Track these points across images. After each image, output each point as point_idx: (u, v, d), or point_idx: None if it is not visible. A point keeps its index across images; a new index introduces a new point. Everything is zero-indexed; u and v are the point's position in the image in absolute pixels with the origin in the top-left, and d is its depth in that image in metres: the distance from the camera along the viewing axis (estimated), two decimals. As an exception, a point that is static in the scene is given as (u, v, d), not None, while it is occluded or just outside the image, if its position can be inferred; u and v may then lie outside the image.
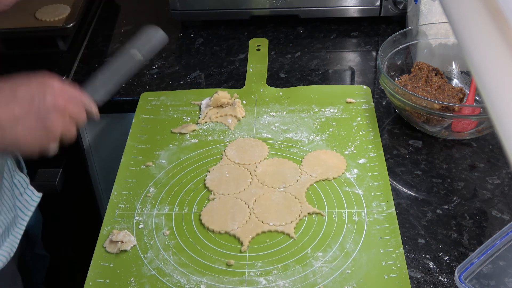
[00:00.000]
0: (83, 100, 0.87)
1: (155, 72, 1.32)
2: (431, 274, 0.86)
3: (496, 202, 0.97)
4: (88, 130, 1.34)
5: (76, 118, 0.84)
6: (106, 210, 0.97)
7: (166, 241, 0.91)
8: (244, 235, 0.91)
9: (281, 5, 1.42)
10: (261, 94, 1.20)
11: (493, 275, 0.83)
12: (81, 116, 0.86)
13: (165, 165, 1.05)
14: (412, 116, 1.08)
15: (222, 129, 1.12)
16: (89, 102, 0.87)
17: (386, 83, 1.07)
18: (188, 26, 1.47)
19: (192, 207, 0.96)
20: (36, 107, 0.78)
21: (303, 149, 1.06)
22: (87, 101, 0.87)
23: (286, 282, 0.84)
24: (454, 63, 1.21)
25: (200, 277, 0.85)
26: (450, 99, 1.09)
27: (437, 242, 0.90)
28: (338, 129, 1.10)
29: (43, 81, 0.82)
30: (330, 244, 0.89)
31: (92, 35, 1.46)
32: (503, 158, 1.05)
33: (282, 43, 1.40)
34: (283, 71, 1.31)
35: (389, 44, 1.17)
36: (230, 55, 1.37)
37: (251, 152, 1.06)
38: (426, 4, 1.20)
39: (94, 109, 0.88)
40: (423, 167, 1.04)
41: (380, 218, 0.92)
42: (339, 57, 1.36)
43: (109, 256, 0.89)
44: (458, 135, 1.08)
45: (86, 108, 0.87)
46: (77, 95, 0.86)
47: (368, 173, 1.00)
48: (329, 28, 1.45)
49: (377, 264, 0.85)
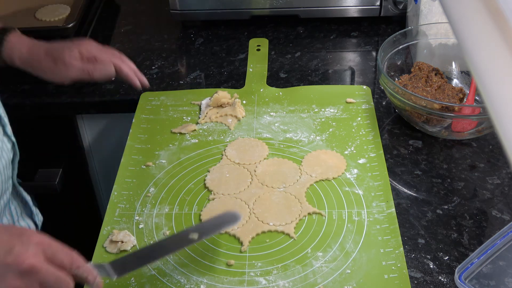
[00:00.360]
0: (77, 268, 0.72)
1: (155, 72, 1.32)
2: (431, 274, 0.86)
3: (496, 202, 0.97)
4: (88, 130, 1.34)
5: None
6: (106, 210, 0.97)
7: (166, 241, 0.91)
8: (244, 235, 0.91)
9: (281, 5, 1.42)
10: (261, 94, 1.20)
11: (493, 275, 0.83)
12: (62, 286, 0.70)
13: (165, 165, 1.05)
14: (412, 116, 1.08)
15: (222, 129, 1.12)
16: (88, 272, 0.73)
17: (386, 83, 1.07)
18: (188, 26, 1.47)
19: (192, 207, 0.96)
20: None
21: (303, 149, 1.06)
22: (85, 271, 0.73)
23: (286, 282, 0.84)
24: (454, 63, 1.21)
25: (200, 277, 0.85)
26: (450, 99, 1.09)
27: (437, 242, 0.90)
28: (338, 129, 1.10)
29: (22, 231, 0.72)
30: (330, 244, 0.89)
31: (92, 35, 1.46)
32: (503, 158, 1.05)
33: (282, 43, 1.40)
34: (283, 71, 1.31)
35: (389, 44, 1.17)
36: (230, 55, 1.37)
37: (251, 152, 1.06)
38: (426, 4, 1.20)
39: (93, 281, 0.74)
40: (423, 167, 1.04)
41: (380, 218, 0.92)
42: (339, 57, 1.36)
43: (109, 256, 0.89)
44: (458, 135, 1.08)
45: (81, 277, 0.73)
46: (67, 259, 0.71)
47: (368, 173, 1.00)
48: (329, 28, 1.45)
49: (377, 264, 0.85)
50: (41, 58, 1.04)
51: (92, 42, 1.08)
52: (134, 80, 1.07)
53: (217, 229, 0.86)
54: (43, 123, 1.11)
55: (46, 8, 1.41)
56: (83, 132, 1.33)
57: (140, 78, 1.08)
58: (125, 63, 1.07)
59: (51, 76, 1.05)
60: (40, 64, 1.04)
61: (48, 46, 1.05)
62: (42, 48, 1.05)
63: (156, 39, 1.44)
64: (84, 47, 1.05)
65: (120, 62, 1.06)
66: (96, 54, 1.05)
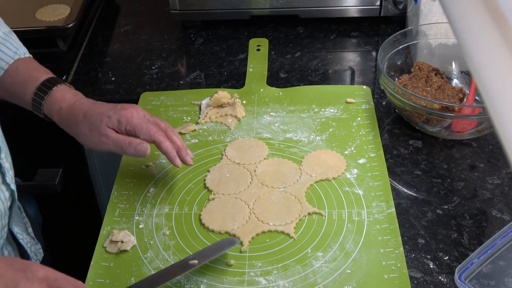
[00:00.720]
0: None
1: (155, 72, 1.32)
2: (431, 274, 0.86)
3: (496, 202, 0.97)
4: (88, 130, 1.34)
5: None
6: (106, 210, 0.97)
7: (166, 241, 0.91)
8: (244, 235, 0.91)
9: (281, 5, 1.42)
10: (261, 94, 1.20)
11: (493, 275, 0.83)
12: None
13: (165, 165, 1.05)
14: (412, 116, 1.08)
15: (222, 129, 1.12)
16: None
17: (386, 83, 1.07)
18: (188, 26, 1.48)
19: (192, 207, 0.96)
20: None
21: (303, 149, 1.06)
22: None
23: (286, 282, 0.84)
24: (454, 63, 1.21)
25: (200, 277, 0.85)
26: (450, 99, 1.09)
27: (437, 242, 0.90)
28: (338, 129, 1.10)
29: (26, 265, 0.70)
30: (330, 244, 0.89)
31: (92, 35, 1.46)
32: (503, 158, 1.05)
33: (282, 43, 1.40)
34: (283, 71, 1.31)
35: (389, 44, 1.17)
36: (230, 55, 1.37)
37: (251, 152, 1.06)
38: (426, 4, 1.20)
39: None
40: (423, 167, 1.04)
41: (380, 218, 0.92)
42: (339, 57, 1.36)
43: (109, 256, 0.89)
44: (458, 135, 1.08)
45: None
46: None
47: (368, 173, 1.00)
48: (329, 28, 1.45)
49: (377, 264, 0.85)
50: (78, 120, 0.96)
51: (138, 109, 0.97)
52: (173, 160, 0.95)
53: (215, 253, 0.86)
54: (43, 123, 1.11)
55: (46, 8, 1.41)
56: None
57: (182, 157, 0.96)
58: (167, 139, 0.96)
59: (84, 141, 0.97)
60: (76, 127, 0.97)
61: (88, 109, 0.97)
62: (83, 110, 0.97)
63: (156, 39, 1.44)
64: (125, 116, 0.95)
65: (162, 138, 0.95)
66: (137, 126, 0.94)
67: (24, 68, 1.01)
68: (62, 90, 1.00)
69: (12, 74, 1.00)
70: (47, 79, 1.00)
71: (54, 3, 1.42)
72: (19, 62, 1.01)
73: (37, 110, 1.00)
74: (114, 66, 1.34)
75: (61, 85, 1.00)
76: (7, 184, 0.90)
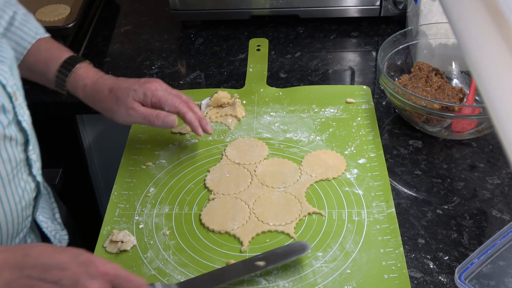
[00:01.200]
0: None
1: (155, 72, 1.32)
2: (431, 274, 0.86)
3: (496, 202, 0.97)
4: (88, 130, 1.34)
5: None
6: (106, 210, 0.97)
7: (166, 241, 0.91)
8: (244, 235, 0.91)
9: (281, 5, 1.42)
10: (261, 94, 1.20)
11: (493, 275, 0.83)
12: None
13: (165, 165, 1.05)
14: (412, 116, 1.08)
15: (222, 129, 1.12)
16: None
17: (386, 83, 1.07)
18: (188, 26, 1.47)
19: (192, 207, 0.96)
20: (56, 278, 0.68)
21: (303, 149, 1.06)
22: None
23: (286, 282, 0.84)
24: (454, 63, 1.21)
25: (200, 277, 0.85)
26: (450, 99, 1.09)
27: (437, 242, 0.90)
28: (338, 129, 1.10)
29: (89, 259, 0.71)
30: (330, 244, 0.89)
31: (92, 35, 1.46)
32: (503, 158, 1.05)
33: (282, 43, 1.40)
34: (283, 71, 1.31)
35: (389, 44, 1.17)
36: (230, 55, 1.37)
37: (251, 152, 1.06)
38: (426, 4, 1.20)
39: None
40: (423, 167, 1.04)
41: (380, 218, 0.92)
42: (339, 57, 1.36)
43: (109, 256, 0.89)
44: (458, 135, 1.08)
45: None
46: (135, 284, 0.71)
47: (368, 173, 1.00)
48: (329, 28, 1.45)
49: (377, 264, 0.85)
50: (104, 96, 1.00)
51: (160, 83, 1.02)
52: (196, 129, 1.01)
53: (286, 258, 0.85)
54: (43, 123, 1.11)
55: (46, 8, 1.40)
56: (83, 132, 1.34)
57: (204, 126, 1.02)
58: (190, 110, 1.01)
59: (111, 115, 1.01)
60: (102, 102, 1.01)
61: (113, 84, 1.01)
62: (107, 86, 1.01)
63: (156, 39, 1.44)
64: (150, 89, 0.99)
65: (186, 109, 1.00)
66: (161, 98, 0.99)
67: (45, 47, 1.05)
68: (84, 68, 1.04)
69: (34, 53, 1.04)
70: (69, 57, 1.04)
71: (54, 3, 1.42)
72: (40, 42, 1.05)
73: (60, 87, 1.04)
74: (114, 66, 1.34)
75: (83, 63, 1.05)
76: (33, 176, 0.92)
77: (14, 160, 0.86)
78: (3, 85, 0.83)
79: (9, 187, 0.85)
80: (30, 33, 1.04)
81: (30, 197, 0.91)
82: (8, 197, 0.85)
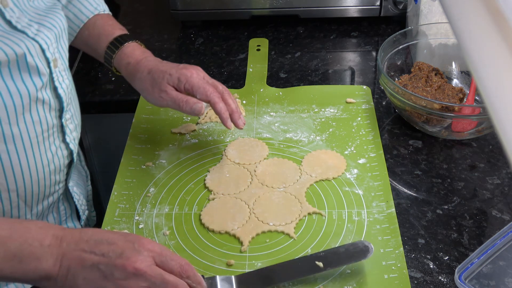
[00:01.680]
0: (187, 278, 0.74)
1: (155, 72, 1.31)
2: (431, 274, 0.86)
3: (496, 202, 0.97)
4: (88, 130, 1.34)
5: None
6: (106, 210, 0.97)
7: (166, 241, 0.91)
8: (244, 235, 0.91)
9: (281, 5, 1.42)
10: (261, 94, 1.20)
11: (493, 275, 0.83)
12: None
13: (165, 165, 1.05)
14: (412, 116, 1.08)
15: (222, 129, 1.12)
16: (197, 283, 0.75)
17: (386, 83, 1.07)
18: (188, 26, 1.48)
19: (192, 207, 0.96)
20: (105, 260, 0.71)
21: (303, 149, 1.06)
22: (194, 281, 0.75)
23: (286, 282, 0.84)
24: (454, 63, 1.21)
25: (200, 277, 0.85)
26: (450, 99, 1.09)
27: (437, 242, 0.90)
28: (338, 129, 1.10)
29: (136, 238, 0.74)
30: (330, 244, 0.89)
31: (92, 35, 1.45)
32: (503, 158, 1.05)
33: (282, 43, 1.40)
34: (283, 71, 1.31)
35: (389, 44, 1.17)
36: (230, 55, 1.37)
37: (251, 152, 1.06)
38: (426, 4, 1.20)
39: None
40: (423, 167, 1.04)
41: (380, 218, 0.92)
42: (339, 57, 1.36)
43: (109, 256, 0.89)
44: (458, 135, 1.08)
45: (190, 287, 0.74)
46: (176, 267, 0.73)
47: (368, 173, 1.00)
48: (329, 28, 1.45)
49: (377, 264, 0.85)
50: (143, 76, 1.01)
51: (198, 70, 1.02)
52: (225, 121, 0.99)
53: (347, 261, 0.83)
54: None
55: (46, 8, 1.40)
56: (83, 132, 1.33)
57: (235, 120, 0.99)
58: (222, 101, 0.99)
59: (146, 96, 1.02)
60: (140, 82, 1.02)
61: (153, 66, 1.02)
62: (148, 67, 1.02)
63: (156, 39, 1.44)
64: (185, 75, 0.99)
65: (217, 99, 0.99)
66: (194, 85, 0.98)
67: (101, 23, 1.08)
68: (132, 47, 1.06)
69: (89, 27, 1.07)
70: (120, 35, 1.07)
71: (54, 3, 1.42)
72: (97, 17, 1.08)
73: (108, 63, 1.07)
74: (114, 66, 1.34)
75: (132, 42, 1.07)
76: (66, 143, 0.94)
77: (46, 124, 0.88)
78: (42, 49, 0.85)
79: (37, 149, 0.87)
80: (90, 8, 1.07)
81: (60, 163, 0.93)
82: (35, 157, 0.87)
